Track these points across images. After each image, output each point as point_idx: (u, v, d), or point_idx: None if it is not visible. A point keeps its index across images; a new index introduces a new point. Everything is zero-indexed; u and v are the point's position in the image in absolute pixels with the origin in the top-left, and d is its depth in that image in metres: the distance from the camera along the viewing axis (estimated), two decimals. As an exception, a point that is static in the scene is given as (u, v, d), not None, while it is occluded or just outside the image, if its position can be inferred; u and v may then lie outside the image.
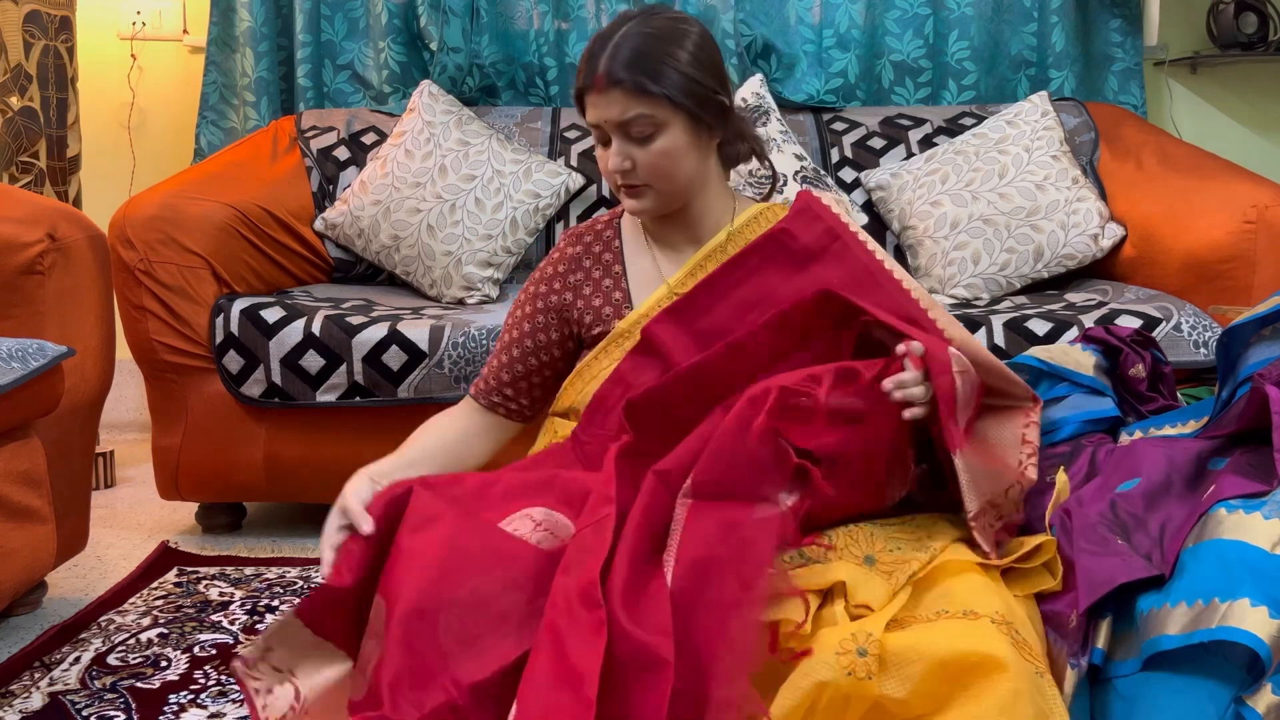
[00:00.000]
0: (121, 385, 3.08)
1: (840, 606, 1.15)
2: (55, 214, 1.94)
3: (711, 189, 1.53)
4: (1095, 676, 1.18)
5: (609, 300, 1.55)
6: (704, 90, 1.44)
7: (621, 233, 1.60)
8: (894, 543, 1.23)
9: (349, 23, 3.13)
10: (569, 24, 3.14)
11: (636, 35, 1.42)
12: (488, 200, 2.63)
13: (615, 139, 1.44)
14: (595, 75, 1.42)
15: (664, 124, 1.42)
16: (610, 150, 1.45)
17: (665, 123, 1.42)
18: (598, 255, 1.58)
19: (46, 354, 1.77)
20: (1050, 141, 2.68)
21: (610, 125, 1.43)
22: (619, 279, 1.56)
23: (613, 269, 1.57)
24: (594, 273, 1.57)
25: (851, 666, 1.07)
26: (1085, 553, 1.21)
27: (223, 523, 2.46)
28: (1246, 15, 3.14)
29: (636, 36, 1.42)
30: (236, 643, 1.81)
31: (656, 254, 1.56)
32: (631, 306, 1.54)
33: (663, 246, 1.56)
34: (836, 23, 3.12)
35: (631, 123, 1.42)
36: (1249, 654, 1.06)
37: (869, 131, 2.94)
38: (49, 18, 2.76)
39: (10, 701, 1.61)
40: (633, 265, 1.57)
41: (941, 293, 2.56)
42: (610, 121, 1.43)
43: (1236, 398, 1.37)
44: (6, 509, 1.74)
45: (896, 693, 1.08)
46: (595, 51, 1.43)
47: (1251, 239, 2.27)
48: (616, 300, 1.55)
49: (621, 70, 1.40)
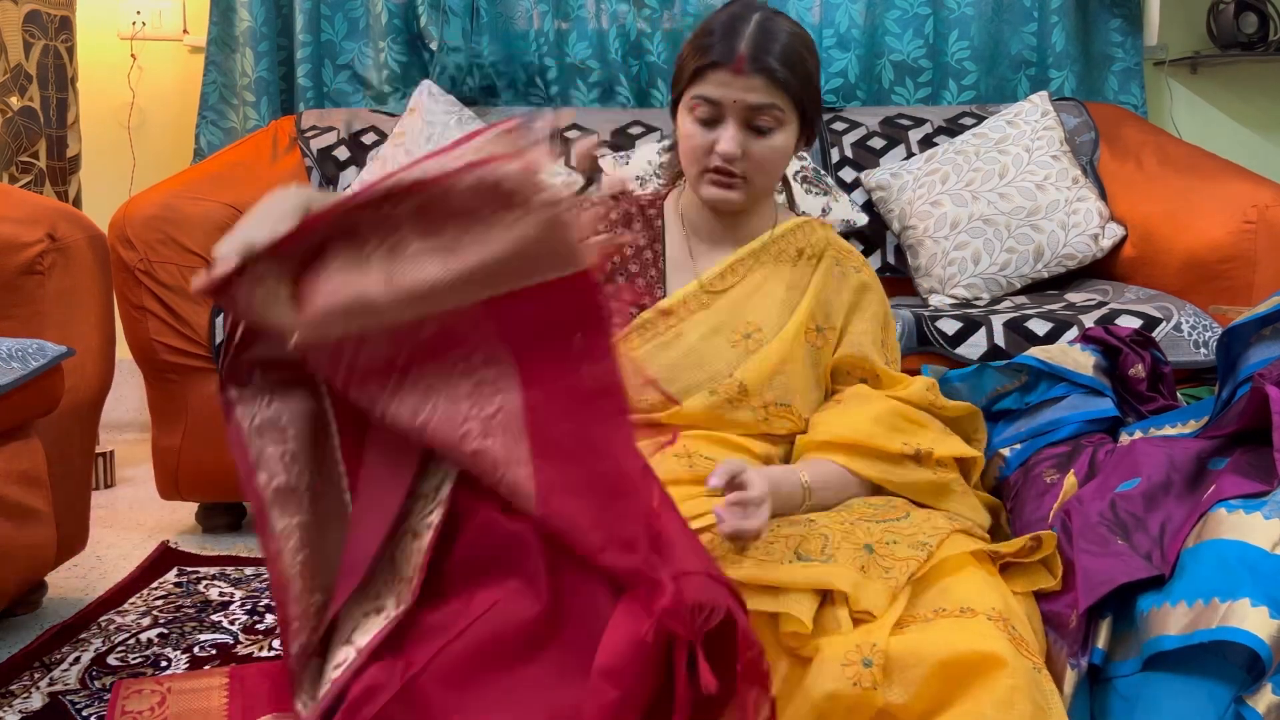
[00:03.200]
0: (121, 385, 3.08)
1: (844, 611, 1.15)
2: (55, 214, 1.93)
3: (770, 194, 1.55)
4: (1095, 676, 1.18)
5: (644, 273, 1.54)
6: (817, 104, 1.47)
7: (664, 214, 1.59)
8: (890, 535, 1.24)
9: (349, 23, 3.13)
10: (569, 24, 3.14)
11: (784, 31, 1.42)
12: (488, 200, 2.63)
13: (733, 124, 1.42)
14: (737, 54, 1.40)
15: (786, 121, 1.43)
16: (723, 133, 1.42)
17: (787, 121, 1.43)
18: (648, 222, 1.57)
19: (46, 354, 1.77)
20: (1050, 141, 2.68)
21: (738, 108, 1.41)
22: (658, 256, 1.55)
23: (655, 245, 1.56)
24: (640, 239, 1.56)
25: (857, 677, 1.07)
26: (1085, 553, 1.22)
27: (223, 523, 2.46)
28: (1246, 15, 3.14)
29: (784, 33, 1.42)
30: (236, 643, 1.81)
31: (693, 246, 1.55)
32: (665, 290, 1.53)
33: (700, 240, 1.55)
34: (836, 23, 3.12)
35: (762, 111, 1.41)
36: (1249, 654, 1.06)
37: (869, 131, 2.93)
38: (49, 18, 2.76)
39: (10, 701, 1.60)
40: (672, 250, 1.56)
41: (942, 293, 2.56)
42: (740, 104, 1.41)
43: (1236, 398, 1.37)
44: (6, 509, 1.74)
45: (898, 698, 1.08)
46: (734, 29, 1.41)
47: (1251, 239, 2.27)
48: (652, 277, 1.54)
49: (772, 59, 1.39)
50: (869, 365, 1.49)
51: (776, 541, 1.24)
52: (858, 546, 1.21)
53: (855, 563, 1.19)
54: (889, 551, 1.21)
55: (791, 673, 1.13)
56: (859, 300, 1.52)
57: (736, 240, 1.54)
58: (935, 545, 1.22)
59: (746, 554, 1.22)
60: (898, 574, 1.18)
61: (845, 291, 1.51)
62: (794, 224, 1.55)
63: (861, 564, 1.19)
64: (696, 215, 1.55)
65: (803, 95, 1.42)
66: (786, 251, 1.52)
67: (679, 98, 1.47)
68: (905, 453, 1.39)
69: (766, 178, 1.46)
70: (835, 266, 1.52)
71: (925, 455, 1.39)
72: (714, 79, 1.41)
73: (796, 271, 1.51)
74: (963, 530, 1.29)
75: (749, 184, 1.45)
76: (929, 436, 1.42)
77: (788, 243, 1.53)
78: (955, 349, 2.22)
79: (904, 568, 1.18)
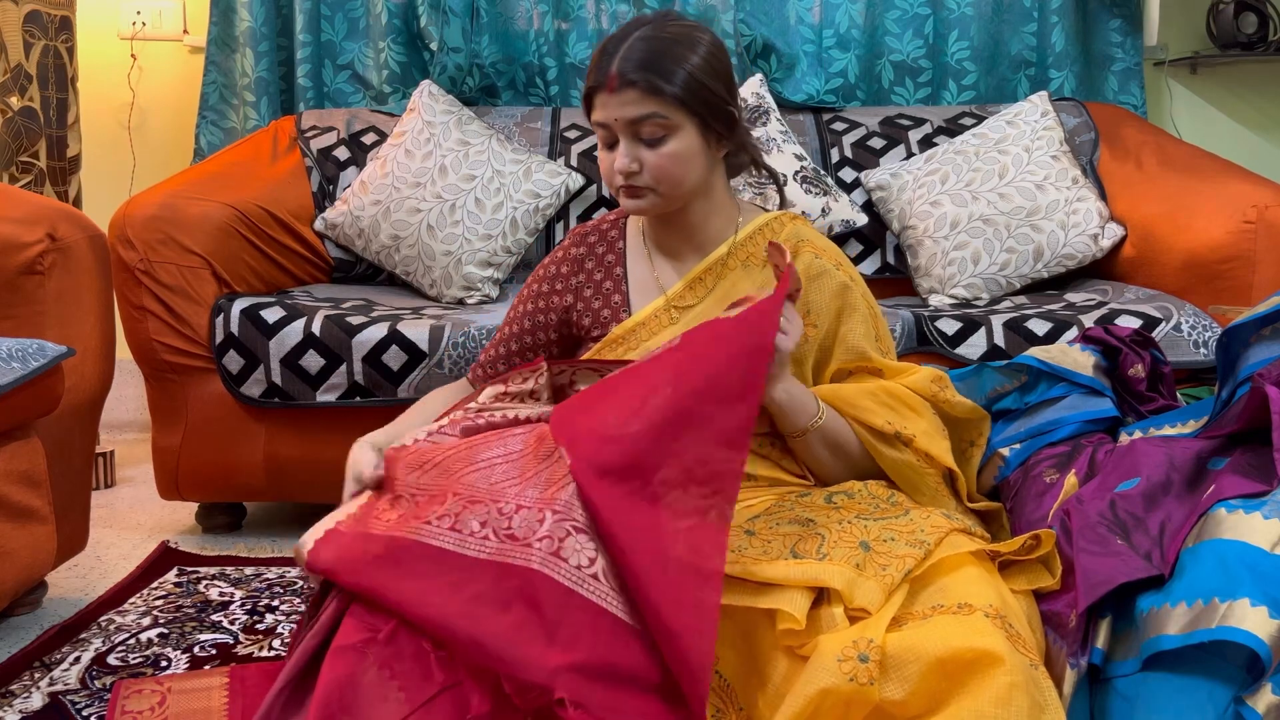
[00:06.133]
0: (121, 385, 3.08)
1: (839, 610, 1.15)
2: (55, 214, 1.94)
3: (715, 197, 1.53)
4: (1095, 676, 1.18)
5: (608, 303, 1.55)
6: (715, 98, 1.44)
7: (626, 234, 1.59)
8: (888, 532, 1.24)
9: (349, 23, 3.13)
10: (569, 24, 3.15)
11: (652, 38, 1.42)
12: (488, 200, 2.63)
13: (624, 140, 1.43)
14: (608, 74, 1.41)
15: (675, 127, 1.42)
16: (617, 151, 1.44)
17: (676, 126, 1.42)
18: (600, 256, 1.58)
19: (46, 354, 1.77)
20: (1050, 141, 2.68)
21: (620, 125, 1.42)
22: (619, 281, 1.56)
23: (614, 271, 1.57)
24: (595, 274, 1.57)
25: (854, 673, 1.07)
26: (1085, 552, 1.21)
27: (223, 523, 2.46)
28: (1246, 15, 3.14)
29: (652, 39, 1.42)
30: (236, 642, 1.81)
31: (657, 261, 1.56)
32: (630, 312, 1.53)
33: (664, 254, 1.56)
34: (836, 23, 3.12)
35: (643, 123, 1.41)
36: (1249, 654, 1.06)
37: (869, 131, 2.94)
38: (49, 18, 2.76)
39: (10, 701, 1.60)
40: (634, 270, 1.56)
41: (941, 293, 2.56)
42: (621, 121, 1.42)
43: (1236, 398, 1.37)
44: (6, 509, 1.74)
45: (895, 694, 1.08)
46: (609, 51, 1.43)
47: (1251, 239, 2.27)
48: (615, 303, 1.55)
49: (636, 70, 1.40)
50: (869, 362, 1.49)
51: (774, 539, 1.24)
52: (854, 544, 1.21)
53: (850, 561, 1.19)
54: (886, 549, 1.21)
55: (789, 670, 1.14)
56: (844, 304, 1.50)
57: (697, 248, 1.53)
58: (933, 544, 1.22)
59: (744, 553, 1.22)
60: (894, 571, 1.18)
61: (826, 293, 1.49)
62: (759, 223, 1.54)
63: (857, 561, 1.19)
64: (654, 230, 1.56)
65: (687, 97, 1.41)
66: (755, 254, 1.52)
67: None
68: (886, 431, 1.39)
69: (673, 185, 1.45)
70: (815, 260, 1.51)
71: (907, 439, 1.40)
72: (599, 103, 1.44)
73: (766, 272, 1.50)
74: (962, 530, 1.29)
75: (656, 193, 1.45)
76: (917, 425, 1.42)
77: (755, 244, 1.52)
78: (955, 349, 2.22)
79: (900, 565, 1.18)
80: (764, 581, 1.18)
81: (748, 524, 1.30)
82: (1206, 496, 1.23)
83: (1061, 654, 1.19)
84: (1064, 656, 1.18)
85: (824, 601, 1.17)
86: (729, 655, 1.19)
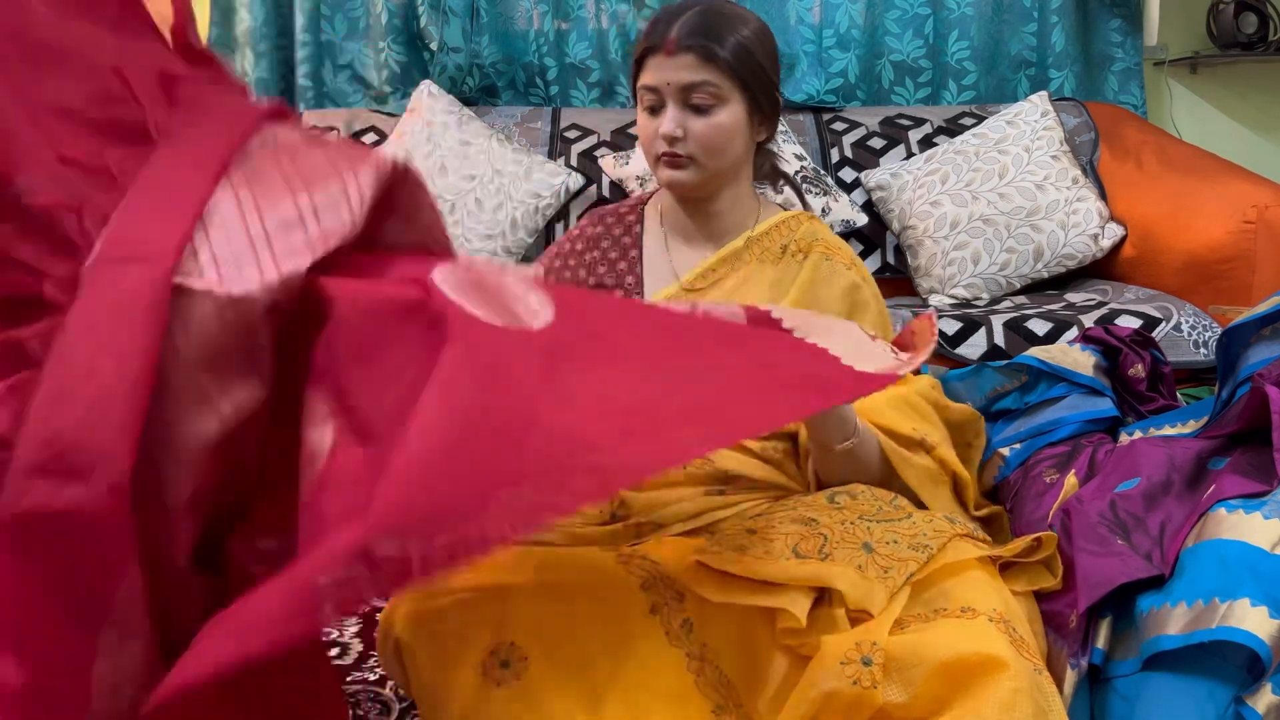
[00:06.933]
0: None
1: (840, 611, 1.15)
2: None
3: (742, 187, 1.53)
4: (1095, 676, 1.18)
5: (621, 282, 1.55)
6: (764, 74, 1.46)
7: (644, 219, 1.59)
8: (891, 535, 1.23)
9: (349, 23, 3.13)
10: (569, 24, 3.15)
11: (709, 11, 1.44)
12: (488, 200, 2.63)
13: (672, 105, 1.43)
14: (666, 37, 1.42)
15: (725, 99, 1.43)
16: (663, 116, 1.44)
17: (726, 98, 1.43)
18: (617, 238, 1.58)
19: (47, 354, 1.76)
20: (1050, 141, 2.68)
21: (672, 90, 1.42)
22: (634, 263, 1.56)
23: (629, 253, 1.56)
24: (610, 253, 1.57)
25: (857, 676, 1.07)
26: (1085, 553, 1.21)
27: (223, 523, 2.46)
28: (1246, 15, 3.14)
29: (709, 13, 1.44)
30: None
31: (673, 247, 1.56)
32: (642, 294, 1.53)
33: (681, 241, 1.55)
34: (836, 23, 3.12)
35: (695, 89, 1.42)
36: (1249, 654, 1.06)
37: (869, 131, 2.94)
38: (49, 18, 2.76)
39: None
40: (650, 253, 1.56)
41: (941, 293, 2.56)
42: (674, 85, 1.42)
43: (1236, 398, 1.37)
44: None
45: (898, 698, 1.08)
46: (667, 17, 1.44)
47: (1251, 239, 2.28)
48: (629, 284, 1.54)
49: (693, 36, 1.41)
50: None
51: (776, 539, 1.24)
52: (856, 546, 1.21)
53: (853, 562, 1.18)
54: (889, 552, 1.20)
55: (790, 671, 1.13)
56: (854, 302, 1.50)
57: (714, 237, 1.53)
58: (936, 549, 1.22)
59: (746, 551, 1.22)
60: (896, 574, 1.17)
61: (835, 291, 1.49)
62: (778, 219, 1.54)
63: (859, 563, 1.19)
64: (674, 214, 1.56)
65: (741, 70, 1.42)
66: (770, 250, 1.52)
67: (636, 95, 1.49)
68: (913, 437, 1.39)
69: (715, 157, 1.45)
70: (825, 262, 1.51)
71: (930, 446, 1.40)
72: (651, 65, 1.44)
73: (780, 268, 1.50)
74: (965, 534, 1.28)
75: (697, 164, 1.45)
76: (936, 432, 1.43)
77: (771, 240, 1.52)
78: (955, 349, 2.22)
79: (903, 568, 1.18)
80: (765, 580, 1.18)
81: (749, 522, 1.30)
82: (1207, 496, 1.23)
83: (1062, 654, 1.19)
84: (1064, 657, 1.18)
85: (825, 602, 1.16)
86: (729, 653, 1.18)
